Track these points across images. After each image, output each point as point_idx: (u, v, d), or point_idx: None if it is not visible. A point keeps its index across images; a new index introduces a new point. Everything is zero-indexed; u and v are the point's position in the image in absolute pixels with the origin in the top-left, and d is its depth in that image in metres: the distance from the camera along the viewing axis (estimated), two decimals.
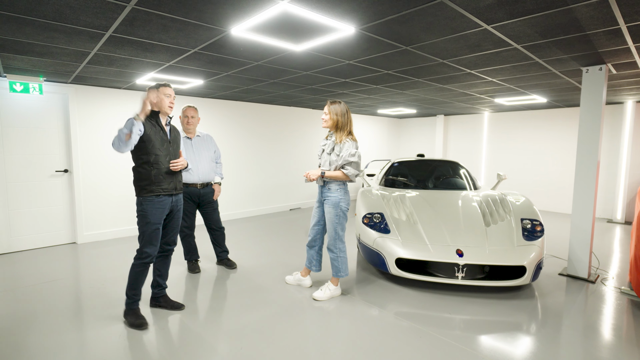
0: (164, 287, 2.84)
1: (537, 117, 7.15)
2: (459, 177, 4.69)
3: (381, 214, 3.54)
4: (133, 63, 3.27)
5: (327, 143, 2.93)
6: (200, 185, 3.38)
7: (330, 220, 2.91)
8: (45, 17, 2.10)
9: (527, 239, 3.16)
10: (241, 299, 2.99)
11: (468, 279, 3.02)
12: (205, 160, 3.39)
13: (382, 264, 3.24)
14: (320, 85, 4.48)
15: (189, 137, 3.36)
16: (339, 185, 2.89)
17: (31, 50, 2.83)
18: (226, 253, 3.71)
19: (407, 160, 5.08)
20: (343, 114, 2.84)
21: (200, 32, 2.39)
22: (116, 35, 2.45)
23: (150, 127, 2.42)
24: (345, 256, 3.00)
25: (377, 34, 2.46)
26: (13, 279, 3.40)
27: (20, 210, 4.24)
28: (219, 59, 3.12)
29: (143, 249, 2.48)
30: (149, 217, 2.45)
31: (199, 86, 4.46)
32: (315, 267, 3.20)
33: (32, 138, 4.26)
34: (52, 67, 3.45)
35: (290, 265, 3.81)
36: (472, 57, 3.04)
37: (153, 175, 2.44)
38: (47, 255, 4.11)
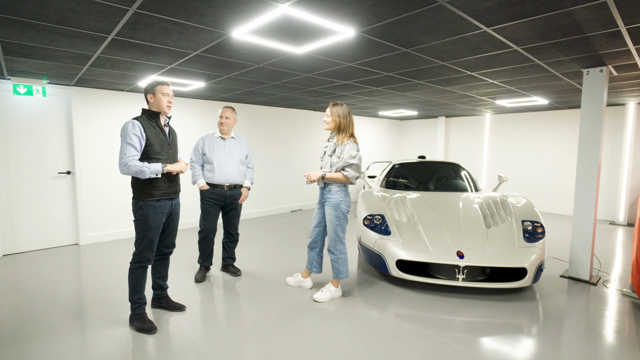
0: (165, 288, 2.85)
1: (539, 119, 7.14)
2: (460, 178, 4.69)
3: (382, 215, 3.55)
4: (135, 66, 3.29)
5: (329, 145, 2.95)
6: (227, 187, 3.29)
7: (330, 222, 2.92)
8: (49, 20, 2.13)
9: (528, 240, 3.15)
10: (242, 300, 3.00)
11: (469, 280, 3.02)
12: (234, 162, 3.30)
13: (382, 266, 3.24)
14: (322, 87, 4.50)
15: (223, 138, 3.30)
16: (340, 187, 2.90)
17: (35, 53, 2.86)
18: (232, 260, 3.62)
19: (408, 162, 5.09)
20: (345, 116, 2.85)
21: (201, 35, 2.41)
22: (118, 38, 2.48)
23: (151, 130, 2.42)
24: (345, 258, 3.00)
25: (377, 37, 2.48)
26: (16, 279, 3.43)
27: (23, 211, 4.27)
28: (220, 61, 3.14)
29: (142, 252, 2.48)
30: (150, 222, 2.45)
31: (200, 88, 4.49)
32: (316, 268, 3.20)
33: (35, 140, 4.30)
34: (56, 70, 3.48)
35: (291, 266, 3.82)
36: (473, 59, 3.05)
37: (154, 180, 2.44)
38: (50, 257, 4.14)
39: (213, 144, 3.25)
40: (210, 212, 3.31)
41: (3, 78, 3.87)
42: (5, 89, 3.97)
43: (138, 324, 2.50)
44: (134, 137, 2.32)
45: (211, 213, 3.31)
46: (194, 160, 3.28)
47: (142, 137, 2.35)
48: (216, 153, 3.23)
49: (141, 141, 2.35)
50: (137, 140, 2.33)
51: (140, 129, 2.35)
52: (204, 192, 3.27)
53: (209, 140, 3.26)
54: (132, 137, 2.31)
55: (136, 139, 2.32)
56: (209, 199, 3.27)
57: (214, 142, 3.26)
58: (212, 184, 3.26)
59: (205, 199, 3.29)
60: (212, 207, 3.30)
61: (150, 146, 2.40)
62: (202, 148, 3.24)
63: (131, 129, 2.32)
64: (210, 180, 3.24)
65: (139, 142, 2.34)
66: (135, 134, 2.32)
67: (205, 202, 3.29)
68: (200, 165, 3.28)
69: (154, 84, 2.45)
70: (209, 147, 3.23)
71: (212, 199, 3.28)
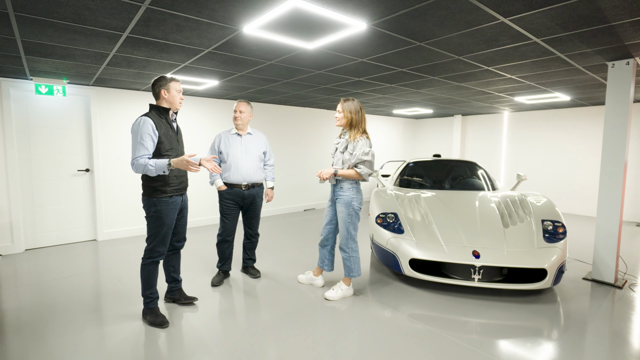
0: (180, 280, 2.88)
1: (561, 116, 6.89)
2: (476, 177, 4.57)
3: (395, 214, 3.48)
4: (150, 64, 3.34)
5: (341, 141, 2.91)
6: (245, 186, 3.14)
7: (342, 220, 2.88)
8: (65, 18, 2.17)
9: (548, 240, 3.03)
10: (253, 298, 2.99)
11: (485, 281, 2.92)
12: (251, 159, 3.14)
13: (395, 265, 3.18)
14: (334, 85, 4.46)
15: (239, 134, 3.17)
16: (352, 184, 2.86)
17: (54, 53, 2.94)
18: (252, 261, 3.49)
19: (422, 161, 5.00)
20: (357, 111, 2.81)
21: (213, 31, 2.41)
22: (133, 36, 2.51)
23: (162, 127, 2.42)
24: (357, 256, 2.96)
25: (389, 30, 2.42)
26: (37, 273, 3.53)
27: (44, 207, 4.41)
28: (232, 58, 3.15)
29: (155, 248, 2.50)
30: (164, 218, 2.47)
31: (214, 87, 4.53)
32: (328, 266, 3.17)
33: (56, 138, 4.43)
34: (74, 70, 3.58)
35: (303, 264, 3.80)
36: (489, 52, 2.95)
37: (166, 177, 2.44)
38: (69, 252, 4.25)
39: (229, 140, 3.16)
40: (229, 213, 3.18)
41: (26, 78, 4.01)
42: (27, 89, 4.11)
43: (150, 318, 2.53)
44: (145, 137, 2.31)
45: (230, 215, 3.18)
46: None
47: (154, 135, 2.36)
48: (232, 150, 3.12)
49: (154, 139, 2.36)
50: (149, 139, 2.33)
51: (153, 127, 2.36)
52: (222, 193, 3.17)
53: (225, 137, 3.18)
54: (144, 136, 2.31)
55: (148, 138, 2.33)
56: (227, 199, 3.16)
57: (229, 138, 3.17)
58: (229, 184, 3.13)
59: (223, 200, 3.18)
60: (231, 209, 3.17)
61: (161, 144, 2.40)
62: (218, 146, 3.16)
63: (143, 127, 2.32)
64: (227, 179, 3.13)
65: (151, 140, 2.34)
66: (148, 132, 2.33)
67: (224, 203, 3.18)
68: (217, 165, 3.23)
69: (168, 79, 2.44)
70: (224, 144, 3.15)
71: (230, 200, 3.15)
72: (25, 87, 4.09)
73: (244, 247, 3.47)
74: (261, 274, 3.52)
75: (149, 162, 2.31)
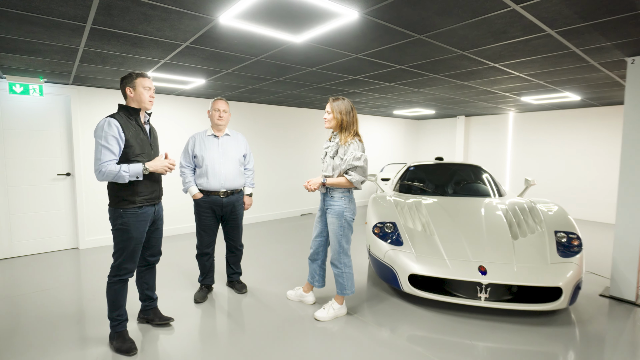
0: (154, 299, 2.61)
1: (569, 117, 6.58)
2: (481, 182, 4.28)
3: (394, 223, 3.20)
4: (127, 61, 3.08)
5: (330, 145, 2.63)
6: (224, 193, 2.86)
7: (333, 232, 2.60)
8: (14, 6, 1.91)
9: (563, 255, 2.73)
10: (236, 317, 2.72)
11: (492, 300, 2.63)
12: (230, 163, 2.87)
13: (393, 280, 2.89)
14: (329, 84, 4.19)
15: (216, 136, 2.89)
16: (343, 192, 2.58)
17: (18, 48, 2.68)
18: (238, 275, 3.20)
19: (424, 164, 4.71)
20: (348, 111, 2.53)
21: (185, 21, 2.15)
22: (97, 27, 2.25)
23: (130, 129, 2.16)
24: (350, 272, 2.67)
25: (384, 20, 2.15)
26: (9, 286, 3.27)
27: (21, 214, 4.16)
28: (214, 54, 2.88)
29: (123, 265, 2.24)
30: (131, 231, 2.20)
31: (201, 86, 4.27)
32: (319, 282, 2.89)
33: (34, 141, 4.17)
34: (48, 67, 3.32)
35: (293, 277, 3.52)
36: (497, 47, 2.67)
37: (135, 184, 2.18)
38: (47, 261, 3.99)
39: (204, 143, 2.86)
40: (206, 224, 2.90)
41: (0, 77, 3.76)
42: (0, 88, 3.85)
43: (117, 344, 2.26)
44: (110, 139, 2.06)
45: (207, 225, 2.91)
46: (183, 164, 2.89)
47: (120, 139, 2.10)
48: (208, 153, 2.83)
49: (119, 143, 2.10)
50: (114, 142, 2.08)
51: (118, 129, 2.10)
52: (197, 202, 2.88)
53: (200, 139, 2.88)
54: (108, 138, 2.06)
55: (113, 141, 2.07)
56: (204, 209, 2.88)
57: (205, 141, 2.87)
58: (205, 191, 2.86)
59: (200, 210, 2.89)
60: (208, 219, 2.89)
61: (130, 148, 2.14)
62: (192, 149, 2.87)
63: (107, 129, 2.06)
64: (203, 186, 2.84)
65: (116, 144, 2.09)
66: (113, 134, 2.07)
67: (200, 212, 2.90)
68: (191, 170, 2.90)
69: (134, 75, 2.19)
70: (199, 147, 2.85)
71: (207, 209, 2.87)
72: (1, 87, 3.84)
73: (227, 261, 3.18)
74: (248, 288, 3.24)
75: (122, 168, 2.06)
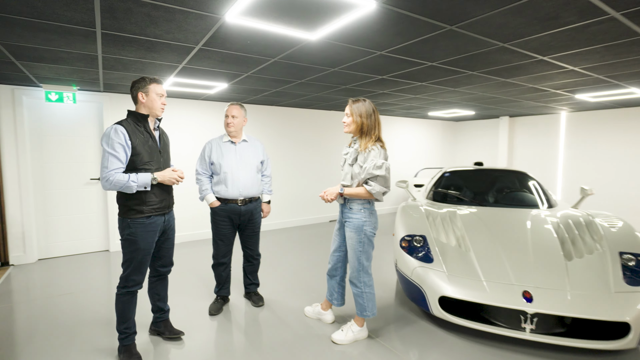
0: (166, 311, 2.52)
1: (635, 117, 5.77)
2: (527, 190, 3.81)
3: (423, 236, 2.89)
4: (146, 66, 3.06)
5: (349, 152, 2.38)
6: (242, 201, 2.76)
7: (352, 248, 2.35)
8: (20, 13, 1.89)
9: (631, 282, 2.28)
10: (250, 332, 2.55)
11: (540, 333, 2.24)
12: (248, 171, 2.77)
13: (422, 302, 2.58)
14: (355, 85, 3.94)
15: (233, 142, 2.81)
16: (363, 204, 2.32)
17: (42, 56, 2.73)
18: (255, 286, 3.07)
19: (461, 170, 4.30)
20: (369, 114, 2.27)
21: (191, 21, 2.02)
22: (107, 32, 2.20)
23: (138, 136, 2.08)
24: (371, 292, 2.41)
25: (407, 9, 1.88)
26: (35, 288, 3.37)
27: (57, 217, 4.33)
28: (229, 56, 2.76)
29: (130, 276, 2.16)
30: (139, 242, 2.12)
31: (225, 90, 4.21)
32: (337, 300, 2.65)
33: (68, 147, 4.34)
34: (76, 75, 3.40)
35: (314, 291, 3.30)
36: (545, 36, 2.29)
37: (143, 193, 2.10)
38: (78, 263, 4.11)
39: (221, 149, 2.77)
40: (223, 233, 2.80)
41: (37, 86, 3.93)
42: (39, 96, 4.03)
43: (124, 357, 2.18)
44: (117, 147, 2.00)
45: (224, 234, 2.80)
46: (200, 172, 2.81)
47: (127, 146, 2.03)
48: (226, 160, 2.74)
49: (126, 151, 2.03)
50: (121, 149, 2.01)
51: (125, 136, 2.02)
52: (214, 210, 2.79)
53: (217, 145, 2.79)
54: (115, 146, 1.99)
55: (120, 149, 2.00)
56: (221, 217, 2.78)
57: (222, 147, 2.78)
58: (222, 199, 2.77)
59: (216, 218, 2.80)
60: (225, 228, 2.79)
61: (138, 155, 2.07)
62: (209, 156, 2.78)
63: (114, 136, 2.00)
64: (221, 194, 2.74)
65: (123, 151, 2.02)
66: (120, 142, 2.00)
67: (217, 221, 2.80)
68: (208, 177, 2.81)
69: (148, 80, 2.13)
70: (216, 153, 2.76)
71: (225, 217, 2.77)
72: (37, 95, 4.02)
73: (245, 271, 3.04)
74: (265, 301, 3.08)
75: (131, 177, 2.00)
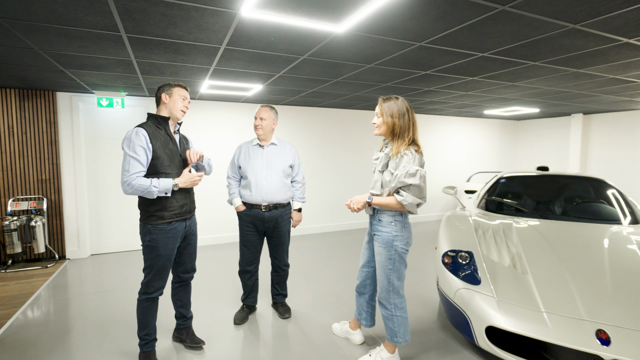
0: (189, 318, 2.47)
1: None
2: (605, 201, 3.21)
3: (470, 253, 2.51)
4: (180, 70, 3.06)
5: (380, 156, 2.11)
6: (265, 207, 2.63)
7: (381, 265, 2.08)
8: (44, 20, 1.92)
9: None
10: (274, 346, 2.41)
11: None
12: (274, 175, 2.64)
13: (466, 329, 2.23)
14: (396, 83, 3.62)
15: (261, 145, 2.69)
16: (394, 216, 2.04)
17: (83, 64, 2.85)
18: (283, 297, 2.94)
19: (520, 175, 3.76)
20: (402, 114, 1.98)
21: (207, 18, 1.91)
22: (132, 35, 2.18)
23: (158, 139, 2.04)
24: (403, 315, 2.11)
25: None
26: (83, 283, 3.57)
27: (108, 215, 4.60)
28: (256, 55, 2.64)
29: (151, 282, 2.13)
30: (159, 249, 2.08)
31: (261, 92, 4.14)
32: (366, 320, 2.38)
33: (119, 149, 4.57)
34: (121, 81, 3.54)
35: (345, 305, 3.06)
36: (630, 12, 1.81)
37: (164, 199, 2.05)
38: (125, 260, 4.32)
39: (249, 153, 2.68)
40: (248, 239, 2.71)
41: (90, 92, 4.20)
42: (92, 102, 4.31)
43: None
44: (139, 149, 1.96)
45: (249, 241, 2.71)
46: (229, 175, 2.76)
47: (148, 149, 1.99)
48: (252, 164, 2.64)
49: (147, 154, 1.99)
50: (142, 152, 1.97)
51: (146, 139, 1.99)
52: (240, 215, 2.71)
53: (246, 148, 2.72)
54: (137, 149, 1.96)
55: (142, 152, 1.97)
56: (246, 222, 2.69)
57: (250, 150, 2.69)
58: (248, 204, 2.67)
59: (242, 223, 2.72)
60: (250, 234, 2.69)
61: (158, 159, 2.02)
62: (238, 159, 2.71)
63: (135, 139, 1.96)
64: (246, 198, 2.66)
65: (145, 154, 1.98)
66: (141, 145, 1.97)
67: (242, 227, 2.72)
68: (237, 181, 2.75)
69: (172, 84, 2.12)
70: (244, 157, 2.69)
71: (249, 223, 2.68)
72: (90, 101, 4.30)
73: (272, 281, 2.91)
74: (292, 313, 2.91)
75: (153, 182, 1.96)
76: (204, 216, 4.92)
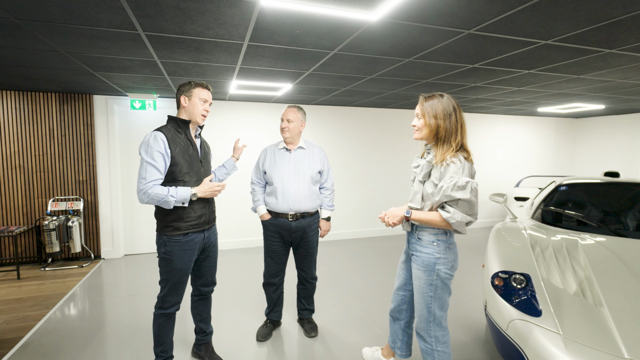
0: (209, 333, 2.32)
1: None
2: None
3: (527, 276, 2.13)
4: (205, 70, 2.94)
5: (421, 164, 1.80)
6: (292, 216, 2.44)
7: (420, 291, 1.78)
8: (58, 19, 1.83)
9: None
10: None
11: None
12: (302, 182, 2.43)
13: None
14: (438, 79, 3.25)
15: (288, 149, 2.49)
16: (437, 235, 1.72)
17: (110, 66, 2.81)
18: (309, 312, 2.71)
19: (585, 183, 3.25)
20: (447, 114, 1.66)
21: (225, 10, 1.72)
22: (150, 34, 2.05)
23: (178, 144, 1.89)
24: (446, 351, 1.80)
25: None
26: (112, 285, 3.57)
27: (141, 216, 4.64)
28: (283, 51, 2.42)
29: (166, 297, 1.99)
30: (175, 262, 1.93)
31: (291, 91, 3.94)
32: (401, 350, 2.09)
33: None
34: (150, 82, 3.50)
35: (379, 325, 2.78)
36: None
37: (181, 209, 1.90)
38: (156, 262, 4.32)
39: (275, 157, 2.47)
40: (273, 250, 2.51)
41: (123, 95, 4.24)
42: (125, 104, 4.35)
43: None
44: (157, 155, 1.81)
45: (274, 252, 2.52)
46: (254, 181, 2.57)
47: (166, 155, 1.84)
48: (278, 170, 2.43)
49: (165, 160, 1.85)
50: (160, 159, 1.82)
51: (165, 143, 1.84)
52: (265, 224, 2.51)
53: (271, 153, 2.51)
54: (154, 155, 1.81)
55: (160, 158, 1.82)
56: (271, 232, 2.49)
57: (276, 155, 2.48)
58: (273, 212, 2.47)
59: (267, 233, 2.52)
60: (276, 244, 2.50)
61: (177, 165, 1.87)
62: (263, 164, 2.52)
63: (153, 144, 1.82)
64: (271, 206, 2.45)
65: (163, 161, 1.83)
66: (159, 150, 1.82)
67: (267, 237, 2.52)
68: (261, 187, 2.55)
69: (192, 84, 1.94)
70: (269, 162, 2.48)
71: (275, 233, 2.48)
72: (124, 103, 4.34)
73: (298, 294, 2.69)
74: (319, 331, 2.68)
75: (170, 192, 1.81)
76: (229, 216, 4.83)
